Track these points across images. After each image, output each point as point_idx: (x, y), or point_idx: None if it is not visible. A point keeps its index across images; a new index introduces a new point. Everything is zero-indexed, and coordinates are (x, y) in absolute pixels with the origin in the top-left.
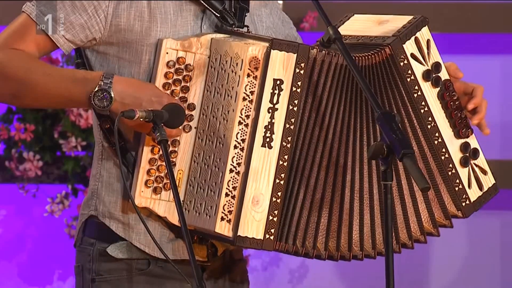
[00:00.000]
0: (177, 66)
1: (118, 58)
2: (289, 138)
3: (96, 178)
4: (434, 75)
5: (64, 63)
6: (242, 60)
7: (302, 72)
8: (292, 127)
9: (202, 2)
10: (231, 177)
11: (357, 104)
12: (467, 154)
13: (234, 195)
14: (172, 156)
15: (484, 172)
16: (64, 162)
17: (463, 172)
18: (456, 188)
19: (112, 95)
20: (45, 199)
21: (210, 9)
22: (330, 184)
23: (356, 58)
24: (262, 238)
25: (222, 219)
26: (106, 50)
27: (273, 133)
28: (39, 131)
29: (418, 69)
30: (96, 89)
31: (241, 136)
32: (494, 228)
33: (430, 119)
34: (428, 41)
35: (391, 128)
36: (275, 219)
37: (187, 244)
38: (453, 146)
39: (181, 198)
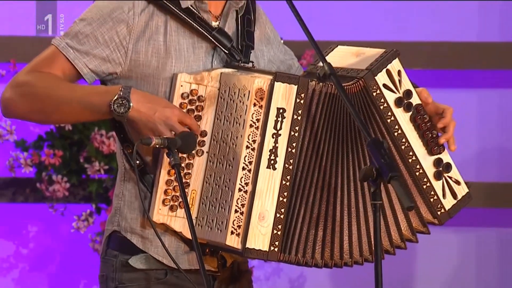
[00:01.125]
0: (190, 97)
1: (137, 87)
2: (291, 161)
3: (119, 197)
4: (405, 101)
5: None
6: (249, 91)
7: (302, 101)
8: (293, 151)
9: (213, 40)
10: (239, 196)
11: (348, 131)
12: (440, 169)
13: (243, 212)
14: (186, 177)
15: (457, 182)
16: (89, 184)
17: (437, 185)
18: (431, 199)
19: (131, 102)
20: (71, 217)
21: (220, 46)
22: (324, 202)
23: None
24: (267, 250)
25: (232, 233)
26: (126, 83)
27: (277, 156)
28: (66, 156)
29: (390, 97)
30: (116, 97)
31: (248, 159)
32: (471, 243)
33: (403, 140)
34: (399, 71)
35: (379, 153)
36: (279, 232)
37: (198, 256)
38: (427, 162)
39: (195, 215)
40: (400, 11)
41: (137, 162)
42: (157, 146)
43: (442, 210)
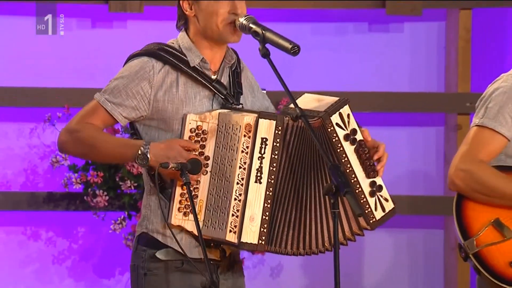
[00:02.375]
0: (197, 131)
1: (158, 129)
2: (273, 177)
3: (146, 207)
4: (351, 137)
5: (122, 132)
6: (240, 126)
7: (279, 133)
8: (274, 169)
9: (213, 89)
10: (235, 203)
11: (313, 155)
12: (374, 189)
13: (238, 215)
14: (195, 191)
15: (386, 200)
16: (122, 196)
17: (371, 200)
18: (366, 211)
19: (149, 157)
20: (110, 221)
21: (218, 94)
22: (298, 207)
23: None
24: (257, 243)
25: (230, 231)
26: (149, 123)
27: (262, 174)
28: (106, 176)
29: (341, 133)
30: (139, 153)
31: (241, 176)
32: (403, 241)
33: (348, 165)
34: (348, 114)
35: (337, 174)
36: (265, 230)
37: (202, 248)
38: (364, 183)
39: (202, 218)
40: (352, 68)
41: (158, 181)
42: (173, 169)
43: (374, 220)
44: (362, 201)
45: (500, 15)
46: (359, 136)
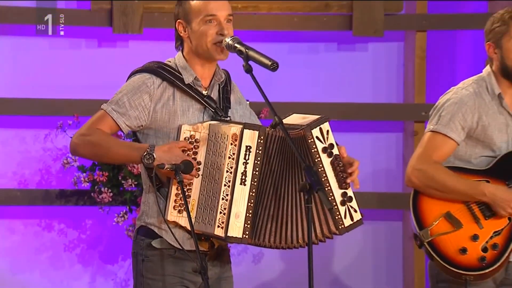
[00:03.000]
0: (190, 140)
1: (155, 137)
2: (255, 179)
3: (145, 204)
4: (328, 150)
5: (124, 137)
6: (228, 135)
7: (261, 141)
8: (257, 173)
9: (204, 103)
10: (222, 203)
11: (290, 160)
12: (345, 199)
13: (225, 213)
14: (188, 192)
15: (355, 210)
16: (124, 193)
17: (342, 209)
18: (336, 218)
19: (154, 157)
20: (113, 214)
21: (209, 107)
22: (277, 206)
23: (289, 133)
24: (241, 237)
25: (218, 226)
26: (148, 132)
27: (246, 177)
28: (110, 175)
29: (320, 146)
30: (145, 153)
31: (228, 179)
32: (369, 232)
33: (324, 175)
34: (327, 131)
35: (311, 173)
36: (248, 226)
37: (195, 242)
38: (337, 192)
39: (194, 215)
40: (323, 82)
41: (158, 184)
42: (168, 169)
43: (342, 226)
44: (333, 208)
45: (451, 37)
46: (335, 151)
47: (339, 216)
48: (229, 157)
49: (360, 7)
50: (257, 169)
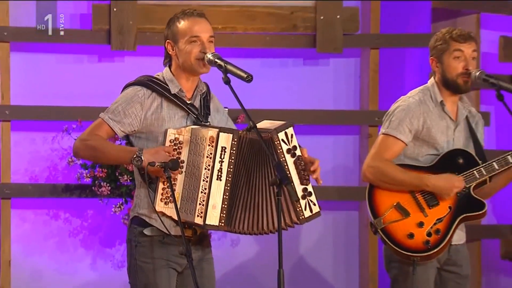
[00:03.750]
0: (175, 142)
1: (146, 140)
2: (230, 175)
3: (137, 197)
4: (292, 151)
5: (120, 140)
6: (206, 138)
7: (235, 143)
8: (231, 169)
9: (188, 110)
10: (201, 195)
11: (261, 158)
12: (305, 194)
13: (203, 204)
14: (174, 186)
15: (314, 204)
16: (121, 187)
17: (302, 202)
18: (298, 209)
19: (142, 159)
20: (111, 205)
21: (192, 114)
22: (249, 198)
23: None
24: (218, 225)
25: (198, 216)
26: (140, 135)
27: (222, 173)
28: (109, 172)
29: (284, 147)
30: (135, 156)
31: (206, 175)
32: (329, 220)
33: (288, 172)
34: (292, 134)
35: (281, 170)
36: (224, 215)
37: (181, 228)
38: (298, 188)
39: (179, 206)
40: (291, 92)
41: (149, 179)
42: (158, 166)
43: (303, 217)
44: (295, 201)
45: (400, 53)
46: (298, 152)
47: (300, 208)
48: (207, 156)
49: (322, 28)
50: (231, 166)
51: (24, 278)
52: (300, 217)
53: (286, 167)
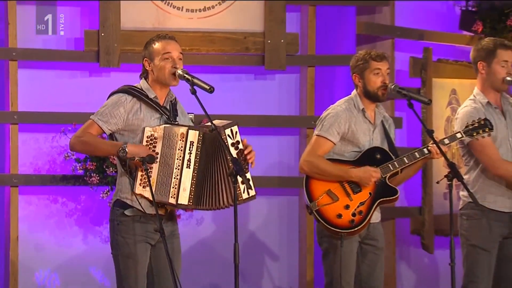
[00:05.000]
0: (151, 138)
1: (128, 136)
2: (197, 164)
3: (119, 184)
4: (235, 145)
5: (107, 137)
6: (178, 134)
7: (201, 138)
8: (197, 160)
9: (162, 112)
10: (174, 181)
11: (218, 150)
12: (244, 180)
13: (176, 187)
14: (150, 173)
15: (251, 188)
16: (107, 177)
17: (241, 186)
18: (238, 192)
19: (127, 151)
20: (100, 192)
21: (165, 115)
22: (212, 182)
23: (210, 132)
24: (187, 204)
25: (172, 197)
26: (123, 132)
27: (190, 162)
28: (98, 165)
29: (229, 141)
30: (120, 149)
31: (177, 164)
32: (274, 204)
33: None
34: (236, 132)
35: (236, 163)
36: (192, 196)
37: (155, 208)
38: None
39: (155, 190)
40: (244, 101)
41: (129, 169)
42: (138, 160)
43: (241, 198)
44: (232, 187)
45: (331, 70)
46: (240, 146)
47: (239, 191)
48: (179, 149)
49: (269, 50)
50: (197, 157)
51: (29, 250)
52: (239, 198)
53: (230, 157)
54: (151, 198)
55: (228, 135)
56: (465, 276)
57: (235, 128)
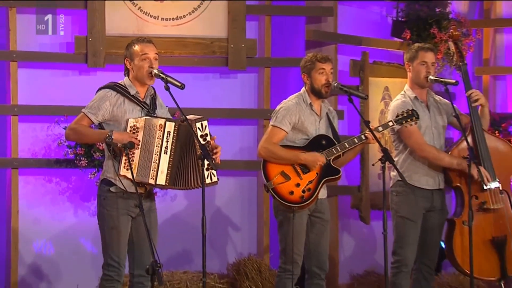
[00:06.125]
0: (134, 127)
1: (114, 126)
2: (173, 150)
3: (106, 166)
4: (204, 137)
5: (95, 127)
6: (157, 125)
7: (176, 128)
8: (173, 147)
9: (143, 106)
10: (153, 164)
11: (190, 140)
12: (209, 167)
13: (155, 170)
14: (132, 157)
15: (214, 176)
16: (94, 161)
17: (206, 173)
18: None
19: (112, 138)
20: (88, 173)
21: (145, 108)
22: (185, 166)
23: (184, 125)
24: (164, 184)
25: (151, 178)
26: (108, 123)
27: (167, 149)
28: (86, 150)
29: (199, 133)
30: (107, 136)
31: (156, 150)
32: (239, 185)
33: (200, 151)
34: (205, 126)
35: (204, 149)
36: (169, 177)
37: (135, 187)
38: (205, 163)
39: (136, 172)
40: (212, 96)
41: (114, 153)
42: (120, 146)
43: (205, 182)
44: (200, 171)
45: (285, 71)
46: (208, 138)
47: (205, 177)
48: (158, 138)
49: (232, 53)
50: (173, 145)
51: (28, 223)
52: (204, 182)
53: (197, 146)
54: (135, 180)
55: (198, 128)
56: (395, 242)
57: (205, 123)
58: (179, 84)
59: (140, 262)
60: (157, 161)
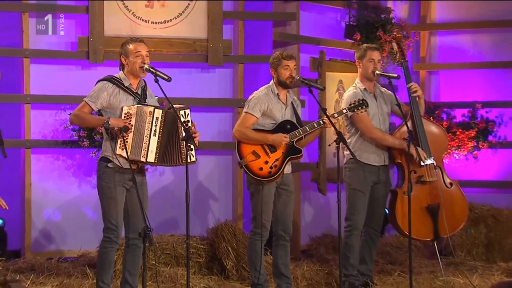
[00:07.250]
0: (127, 114)
1: (110, 113)
2: (161, 133)
3: (104, 146)
4: (185, 123)
5: (95, 113)
6: (147, 112)
7: (163, 115)
8: (161, 130)
9: (135, 97)
10: (144, 145)
11: (176, 124)
12: (188, 149)
13: (146, 150)
14: (126, 139)
15: (193, 156)
16: (95, 142)
17: (188, 153)
18: (184, 157)
19: (109, 123)
20: (90, 152)
21: (138, 98)
22: (172, 146)
23: (172, 112)
24: (154, 161)
25: (143, 156)
26: (106, 110)
27: (156, 132)
28: (88, 133)
29: (182, 119)
30: (105, 121)
31: (147, 133)
32: (216, 162)
33: (182, 135)
34: (188, 113)
35: (186, 132)
36: (157, 156)
37: (129, 164)
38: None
39: (130, 151)
40: (194, 87)
41: (111, 136)
42: (117, 129)
43: (190, 160)
44: (182, 151)
45: (256, 67)
46: (190, 124)
47: (188, 156)
48: (148, 123)
49: (211, 51)
50: (161, 128)
51: (39, 194)
52: (187, 160)
53: (181, 131)
54: (130, 158)
55: (182, 115)
56: (348, 210)
57: (187, 111)
58: (167, 77)
59: (134, 227)
60: (147, 142)
